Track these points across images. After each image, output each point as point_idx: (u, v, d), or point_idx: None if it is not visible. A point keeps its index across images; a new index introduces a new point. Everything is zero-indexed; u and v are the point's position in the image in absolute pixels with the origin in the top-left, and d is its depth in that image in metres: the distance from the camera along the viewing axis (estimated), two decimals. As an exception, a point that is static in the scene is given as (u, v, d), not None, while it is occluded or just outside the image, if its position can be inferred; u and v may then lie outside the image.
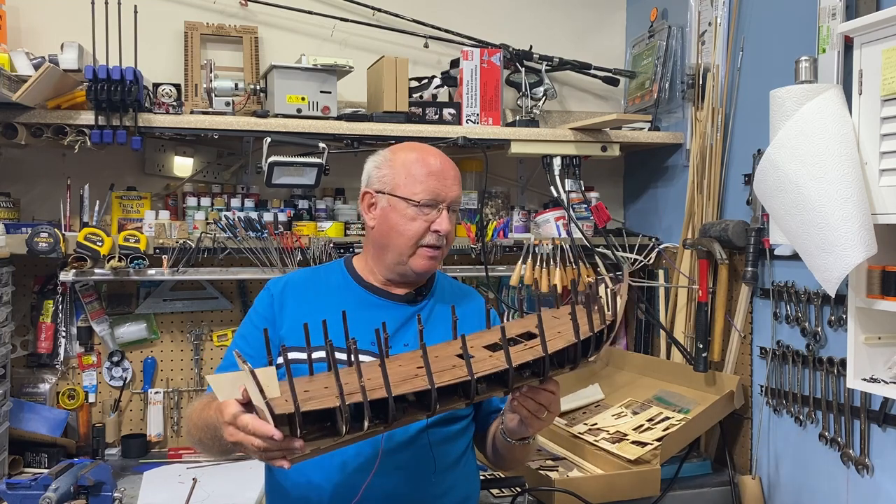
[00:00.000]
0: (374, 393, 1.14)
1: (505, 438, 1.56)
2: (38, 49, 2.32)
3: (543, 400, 1.40)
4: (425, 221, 1.58)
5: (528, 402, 1.40)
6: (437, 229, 1.58)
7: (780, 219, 1.82)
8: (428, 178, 1.58)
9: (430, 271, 1.63)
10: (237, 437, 1.16)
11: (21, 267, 2.39)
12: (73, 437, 2.46)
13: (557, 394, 1.41)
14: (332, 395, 1.13)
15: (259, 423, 1.12)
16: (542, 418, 1.43)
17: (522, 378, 1.33)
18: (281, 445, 1.11)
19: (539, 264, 2.59)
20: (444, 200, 1.59)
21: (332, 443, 1.16)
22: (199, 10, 2.65)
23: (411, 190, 1.58)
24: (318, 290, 1.66)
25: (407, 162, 1.61)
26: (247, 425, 1.14)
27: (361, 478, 1.48)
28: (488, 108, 2.64)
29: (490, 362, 1.29)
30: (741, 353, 2.35)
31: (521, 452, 1.64)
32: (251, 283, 2.61)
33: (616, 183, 3.11)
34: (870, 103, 1.68)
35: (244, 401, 1.17)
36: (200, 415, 1.43)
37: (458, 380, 1.22)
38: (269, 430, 1.09)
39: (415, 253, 1.59)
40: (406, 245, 1.59)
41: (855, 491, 1.95)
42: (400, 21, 2.75)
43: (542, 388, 1.38)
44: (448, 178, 1.61)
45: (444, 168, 1.62)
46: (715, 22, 2.45)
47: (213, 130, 2.38)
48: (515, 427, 1.50)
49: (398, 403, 1.18)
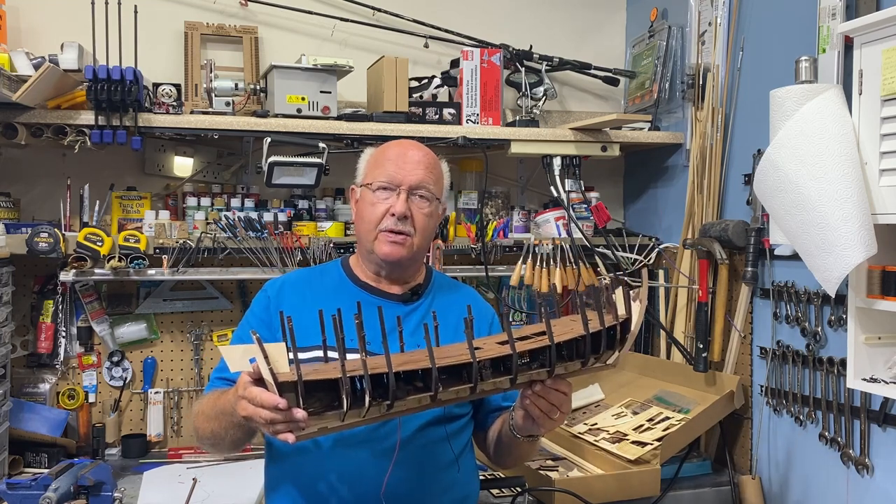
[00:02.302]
0: (376, 369, 1.19)
1: (513, 434, 1.55)
2: (38, 49, 2.31)
3: (555, 400, 1.39)
4: (385, 205, 1.61)
5: (540, 402, 1.39)
6: (392, 212, 1.59)
7: (780, 219, 1.83)
8: (386, 162, 1.64)
9: (395, 258, 1.62)
10: (248, 410, 1.21)
11: (21, 267, 2.39)
12: (73, 437, 2.46)
13: (569, 394, 1.41)
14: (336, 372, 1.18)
15: (265, 394, 1.18)
16: (553, 418, 1.42)
17: (529, 368, 1.32)
18: (286, 417, 1.16)
19: (539, 264, 2.59)
20: (400, 184, 1.61)
21: (337, 421, 1.20)
22: (199, 10, 2.65)
23: (372, 176, 1.64)
24: (315, 289, 1.67)
25: (374, 153, 1.71)
26: (255, 397, 1.19)
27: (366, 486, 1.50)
28: (488, 108, 2.64)
29: (496, 349, 1.29)
30: (741, 353, 2.35)
31: (526, 449, 1.64)
32: (251, 283, 2.61)
33: (616, 183, 3.11)
34: (870, 103, 1.68)
35: (255, 376, 1.22)
36: (214, 404, 1.46)
37: (461, 361, 1.24)
38: (274, 399, 1.15)
39: (377, 238, 1.61)
40: (367, 230, 1.63)
41: (855, 491, 1.95)
42: (400, 21, 2.75)
43: (553, 388, 1.37)
44: (409, 162, 1.63)
45: (406, 154, 1.64)
46: (715, 22, 2.45)
47: (213, 130, 2.38)
48: (526, 425, 1.50)
49: (402, 385, 1.21)
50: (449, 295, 1.72)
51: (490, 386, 1.30)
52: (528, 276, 2.57)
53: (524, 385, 1.37)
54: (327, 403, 1.18)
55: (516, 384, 1.33)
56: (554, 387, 1.37)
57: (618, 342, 1.38)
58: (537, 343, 1.31)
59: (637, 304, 1.40)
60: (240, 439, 1.48)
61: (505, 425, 1.59)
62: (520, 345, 1.30)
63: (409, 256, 1.63)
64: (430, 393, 1.23)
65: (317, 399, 1.18)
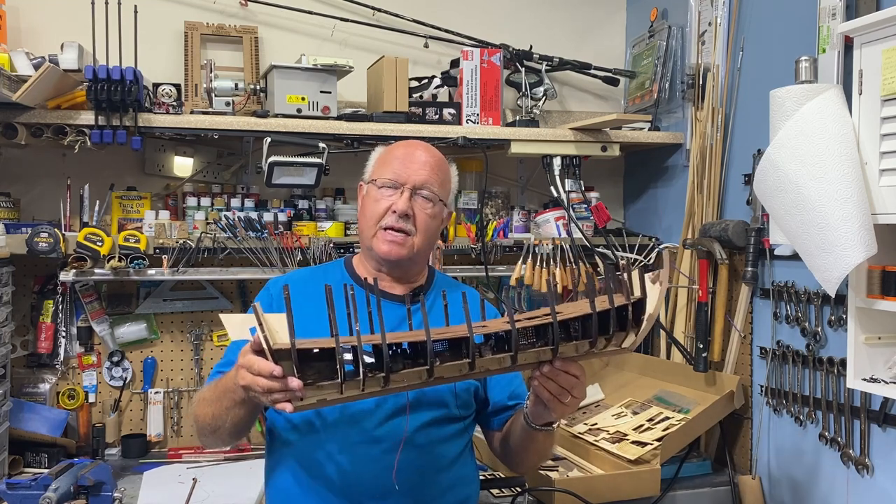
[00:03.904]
0: (370, 342, 1.20)
1: (529, 424, 1.53)
2: (38, 49, 2.31)
3: (565, 382, 1.35)
4: (388, 202, 1.61)
5: (549, 384, 1.36)
6: (394, 209, 1.60)
7: (780, 219, 1.82)
8: (393, 161, 1.64)
9: (393, 257, 1.61)
10: (247, 378, 1.23)
11: (21, 267, 2.39)
12: (73, 437, 2.46)
13: (582, 378, 1.37)
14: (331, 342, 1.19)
15: (262, 361, 1.19)
16: (565, 402, 1.39)
17: (533, 347, 1.29)
18: (282, 385, 1.17)
19: (539, 264, 2.59)
20: (405, 182, 1.61)
21: (336, 393, 1.20)
22: (199, 10, 2.65)
23: (378, 174, 1.65)
24: (318, 288, 1.66)
25: (383, 151, 1.71)
26: (252, 364, 1.21)
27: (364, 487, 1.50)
28: (488, 108, 2.64)
29: (498, 326, 1.27)
30: (741, 353, 2.35)
31: (542, 443, 1.60)
32: (251, 283, 2.61)
33: (616, 183, 3.11)
34: (870, 103, 1.68)
35: (256, 347, 1.22)
36: (216, 386, 1.46)
37: (458, 334, 1.23)
38: (270, 366, 1.17)
39: (376, 235, 1.62)
40: (368, 226, 1.63)
41: (855, 491, 1.95)
42: (400, 21, 2.75)
43: (563, 371, 1.33)
44: (415, 162, 1.63)
45: (413, 154, 1.65)
46: (715, 22, 2.45)
47: (213, 130, 2.38)
48: (538, 409, 1.47)
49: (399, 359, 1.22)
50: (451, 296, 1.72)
51: (492, 364, 1.27)
52: (528, 276, 2.57)
53: (532, 366, 1.34)
54: (326, 375, 1.19)
55: (520, 364, 1.29)
56: (563, 369, 1.33)
57: (630, 324, 1.32)
58: (541, 321, 1.27)
59: (657, 286, 1.33)
60: (241, 420, 1.44)
61: (519, 416, 1.57)
62: (524, 322, 1.26)
63: (407, 256, 1.62)
64: (426, 367, 1.22)
65: (315, 370, 1.19)
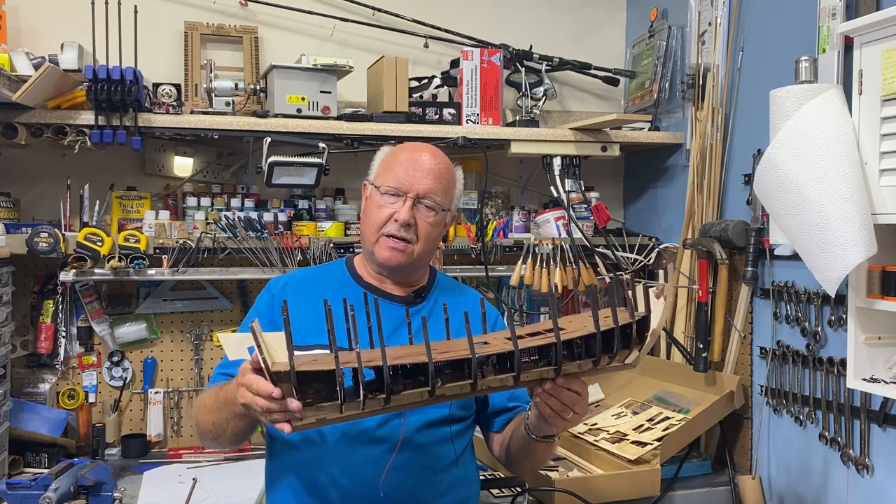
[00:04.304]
0: (371, 362, 1.18)
1: (528, 434, 1.52)
2: (38, 49, 2.31)
3: (567, 399, 1.35)
4: (390, 210, 1.60)
5: (550, 401, 1.35)
6: (396, 218, 1.59)
7: (780, 219, 1.83)
8: (398, 167, 1.62)
9: (393, 264, 1.61)
10: (246, 397, 1.22)
11: (21, 267, 2.39)
12: (73, 437, 2.46)
13: (584, 394, 1.37)
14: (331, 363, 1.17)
15: (261, 382, 1.18)
16: (566, 418, 1.39)
17: (537, 366, 1.28)
18: (281, 406, 1.16)
19: (539, 264, 2.59)
20: (408, 191, 1.59)
21: (336, 413, 1.19)
22: (199, 10, 2.65)
23: (382, 179, 1.64)
24: (319, 288, 1.67)
25: (388, 154, 1.69)
26: (251, 384, 1.20)
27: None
28: (488, 108, 2.64)
29: (500, 345, 1.25)
30: (741, 353, 2.35)
31: (542, 452, 1.60)
32: (251, 283, 2.61)
33: (616, 183, 3.11)
34: (870, 103, 1.68)
35: (256, 365, 1.22)
36: (217, 394, 1.46)
37: (461, 356, 1.21)
38: (269, 387, 1.16)
39: (377, 241, 1.61)
40: (369, 231, 1.63)
41: (855, 491, 1.95)
42: (400, 21, 2.75)
43: (565, 388, 1.33)
44: (419, 170, 1.61)
45: (418, 160, 1.62)
46: (715, 22, 2.45)
47: (213, 130, 2.38)
48: (539, 423, 1.47)
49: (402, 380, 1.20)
50: (453, 297, 1.72)
51: (494, 383, 1.26)
52: (528, 276, 2.57)
53: (534, 383, 1.33)
54: (326, 395, 1.17)
55: (522, 382, 1.29)
56: (565, 386, 1.32)
57: (634, 341, 1.31)
58: (545, 340, 1.26)
59: (661, 300, 1.33)
60: (241, 430, 1.46)
61: (520, 425, 1.57)
62: (527, 341, 1.26)
63: (407, 263, 1.62)
64: (427, 388, 1.20)
65: (315, 390, 1.17)
